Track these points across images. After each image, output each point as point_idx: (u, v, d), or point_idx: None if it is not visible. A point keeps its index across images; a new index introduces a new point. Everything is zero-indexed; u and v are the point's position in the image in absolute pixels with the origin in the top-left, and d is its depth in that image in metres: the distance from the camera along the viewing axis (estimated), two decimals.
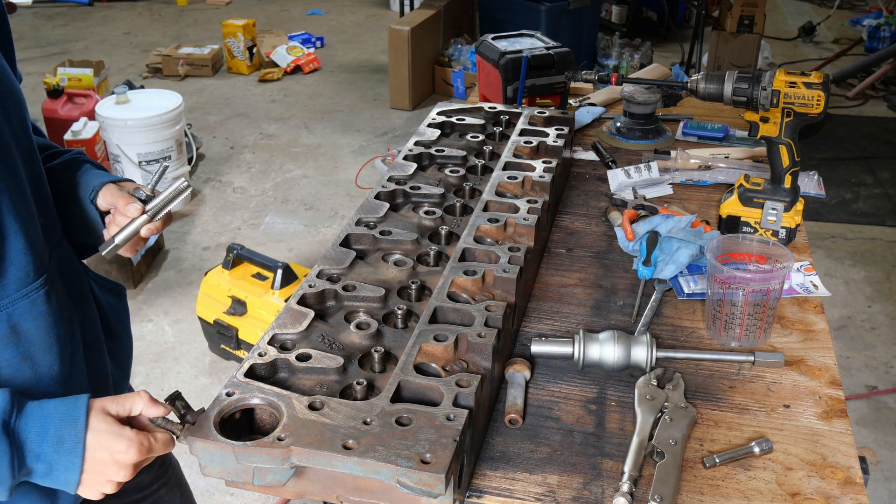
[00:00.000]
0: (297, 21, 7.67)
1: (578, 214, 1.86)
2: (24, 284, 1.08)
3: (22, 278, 1.08)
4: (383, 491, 1.02)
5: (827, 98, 1.56)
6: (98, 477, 0.98)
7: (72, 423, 0.96)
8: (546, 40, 2.38)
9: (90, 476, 0.97)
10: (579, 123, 2.29)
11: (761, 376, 1.35)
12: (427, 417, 1.02)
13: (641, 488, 1.11)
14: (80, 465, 0.95)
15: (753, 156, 2.08)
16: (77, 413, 0.97)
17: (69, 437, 0.96)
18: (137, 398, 1.01)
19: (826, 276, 3.72)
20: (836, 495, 1.12)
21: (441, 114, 1.98)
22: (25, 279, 1.08)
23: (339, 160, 4.90)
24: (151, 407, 1.01)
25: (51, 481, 0.97)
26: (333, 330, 1.23)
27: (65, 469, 0.96)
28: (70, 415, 0.97)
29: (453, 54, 5.76)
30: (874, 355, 3.26)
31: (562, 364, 1.37)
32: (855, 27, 7.24)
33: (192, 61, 6.17)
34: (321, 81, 6.19)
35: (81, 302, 1.24)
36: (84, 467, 0.96)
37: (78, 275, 1.26)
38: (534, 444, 1.20)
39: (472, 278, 1.31)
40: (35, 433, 0.95)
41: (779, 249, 1.45)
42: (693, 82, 1.68)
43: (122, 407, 1.00)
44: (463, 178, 1.70)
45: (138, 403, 1.01)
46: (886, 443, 2.83)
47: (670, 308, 1.53)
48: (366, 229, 1.47)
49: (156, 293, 3.60)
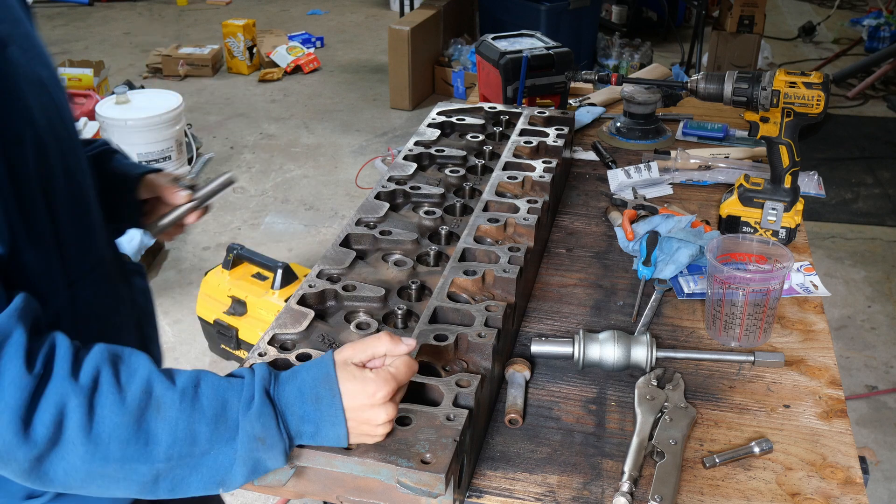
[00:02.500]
0: (297, 21, 7.67)
1: (578, 214, 1.86)
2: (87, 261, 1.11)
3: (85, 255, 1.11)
4: (383, 491, 1.02)
5: (827, 98, 1.56)
6: (363, 426, 0.97)
7: (325, 379, 0.97)
8: (546, 40, 2.38)
9: (355, 425, 0.97)
10: (579, 123, 2.29)
11: (761, 376, 1.35)
12: (427, 417, 1.02)
13: (641, 488, 1.11)
14: (343, 416, 0.95)
15: (753, 156, 2.08)
16: (328, 368, 0.97)
17: (325, 392, 0.96)
18: (379, 342, 1.01)
19: (826, 276, 3.72)
20: (836, 495, 1.12)
21: (441, 114, 1.98)
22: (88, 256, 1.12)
23: (339, 160, 4.90)
24: (395, 346, 1.01)
25: (322, 439, 0.97)
26: (333, 330, 1.23)
27: (331, 424, 0.96)
28: (322, 371, 0.97)
29: (453, 54, 5.75)
30: (874, 355, 3.26)
31: (562, 364, 1.37)
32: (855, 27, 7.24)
33: (192, 61, 6.17)
34: (321, 81, 6.19)
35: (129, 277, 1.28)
36: (347, 416, 0.96)
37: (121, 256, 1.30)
38: (534, 444, 1.20)
39: (472, 278, 1.31)
40: (294, 396, 0.96)
41: (779, 249, 1.45)
42: (693, 82, 1.68)
43: (364, 354, 1.00)
44: (463, 178, 1.70)
45: (380, 346, 1.01)
46: (886, 443, 2.83)
47: (670, 308, 1.53)
48: (366, 229, 1.47)
49: (156, 293, 3.55)
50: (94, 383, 0.89)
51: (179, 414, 0.91)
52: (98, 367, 0.90)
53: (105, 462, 0.89)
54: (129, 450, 0.89)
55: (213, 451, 0.92)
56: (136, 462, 0.90)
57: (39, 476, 0.88)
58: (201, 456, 0.92)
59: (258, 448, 0.93)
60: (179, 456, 0.91)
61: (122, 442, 0.89)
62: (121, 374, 0.91)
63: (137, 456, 0.90)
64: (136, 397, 0.90)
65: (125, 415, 0.89)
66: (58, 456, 0.87)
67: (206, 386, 0.94)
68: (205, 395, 0.93)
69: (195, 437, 0.92)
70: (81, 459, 0.88)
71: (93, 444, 0.88)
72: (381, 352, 1.01)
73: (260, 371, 0.97)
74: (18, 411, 0.84)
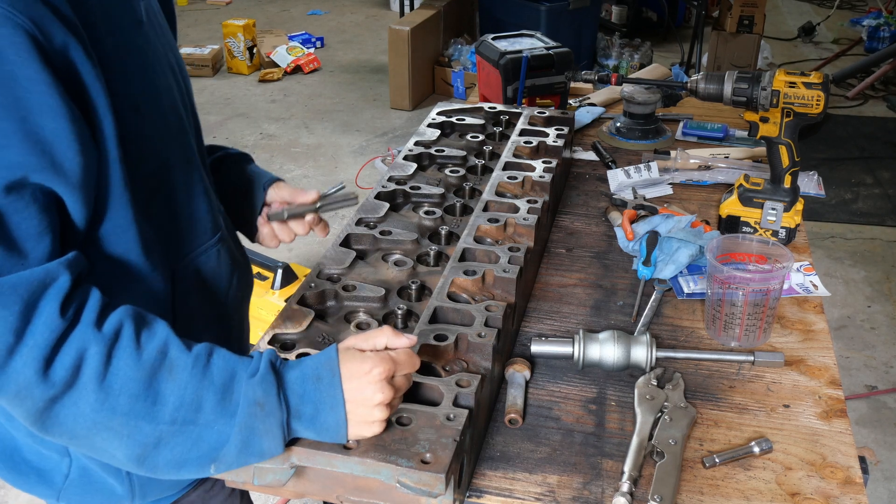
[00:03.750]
0: (297, 21, 7.67)
1: (578, 214, 1.86)
2: (204, 240, 1.20)
3: (202, 234, 1.19)
4: (383, 491, 1.02)
5: (827, 98, 1.56)
6: (360, 408, 0.98)
7: (327, 363, 0.98)
8: (546, 40, 2.38)
9: (353, 407, 0.97)
10: (579, 123, 2.29)
11: (761, 376, 1.35)
12: (427, 417, 1.03)
13: (641, 488, 1.11)
14: (341, 398, 0.96)
15: (753, 156, 2.08)
16: (330, 353, 1.00)
17: (326, 373, 0.97)
18: (380, 334, 1.03)
19: (826, 276, 3.72)
20: (836, 495, 1.12)
21: (441, 114, 1.98)
22: (204, 235, 1.20)
23: (339, 160, 4.90)
24: (396, 339, 1.03)
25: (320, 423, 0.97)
26: (333, 330, 1.23)
27: (330, 406, 0.97)
28: (325, 356, 0.99)
29: (453, 54, 5.75)
30: (874, 355, 3.26)
31: (562, 364, 1.37)
32: (855, 27, 7.24)
33: (192, 61, 6.17)
34: (321, 81, 6.19)
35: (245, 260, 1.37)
36: (346, 398, 0.97)
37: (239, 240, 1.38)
38: (534, 444, 1.20)
39: (472, 278, 1.31)
40: (296, 376, 0.98)
41: (778, 249, 1.45)
42: (693, 82, 1.68)
43: (366, 343, 1.02)
44: (463, 178, 1.70)
45: (381, 338, 1.03)
46: (886, 443, 2.83)
47: (670, 308, 1.53)
48: (366, 229, 1.47)
49: None
50: (116, 335, 0.92)
51: (190, 378, 0.94)
52: (122, 321, 0.93)
53: (112, 413, 0.91)
54: (136, 405, 0.92)
55: (216, 426, 0.94)
56: (141, 419, 0.92)
57: (50, 418, 0.91)
58: (204, 427, 0.94)
59: (256, 414, 0.94)
60: (183, 421, 0.93)
61: (132, 396, 0.91)
62: (142, 332, 0.94)
63: (144, 413, 0.92)
64: (152, 356, 0.93)
65: (139, 370, 0.92)
66: (70, 400, 0.90)
67: (218, 357, 0.97)
68: (216, 364, 0.96)
69: (200, 404, 0.94)
70: (91, 407, 0.90)
71: (104, 392, 0.90)
72: (381, 343, 1.02)
73: (269, 351, 1.00)
74: (45, 350, 0.88)
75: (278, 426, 0.96)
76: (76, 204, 0.94)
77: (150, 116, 1.06)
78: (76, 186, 0.92)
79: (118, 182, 0.99)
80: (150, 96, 1.05)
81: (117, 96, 0.97)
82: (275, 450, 0.97)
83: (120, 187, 0.99)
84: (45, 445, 1.14)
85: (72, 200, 0.93)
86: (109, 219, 1.00)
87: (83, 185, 0.93)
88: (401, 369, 1.01)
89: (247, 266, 1.37)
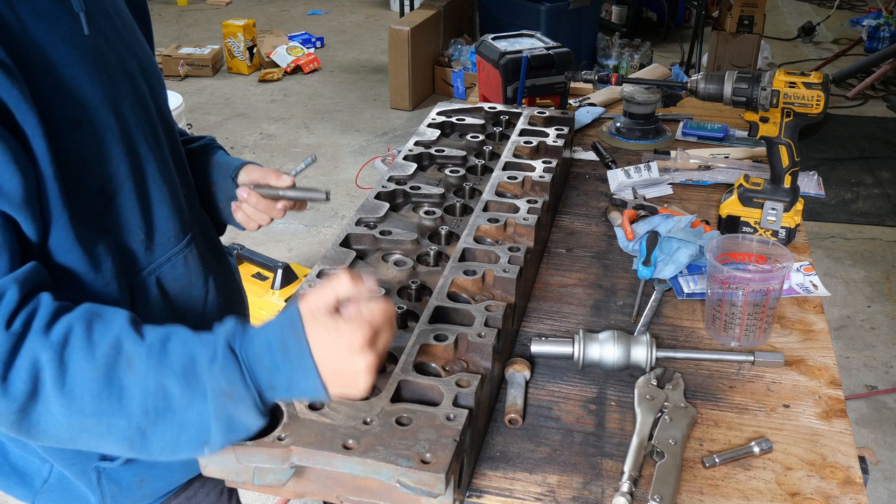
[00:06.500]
0: (297, 21, 7.67)
1: (578, 214, 1.86)
2: (166, 249, 1.17)
3: (164, 243, 1.17)
4: (383, 491, 1.02)
5: (827, 98, 1.56)
6: (343, 376, 0.94)
7: (291, 326, 0.94)
8: (546, 40, 2.38)
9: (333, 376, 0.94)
10: (579, 123, 2.29)
11: (761, 376, 1.35)
12: (427, 417, 1.03)
13: (641, 488, 1.11)
14: (312, 365, 0.93)
15: (753, 156, 2.08)
16: (292, 314, 0.94)
17: (292, 340, 0.93)
18: (337, 282, 0.96)
19: (826, 276, 3.72)
20: (836, 495, 1.12)
21: (441, 114, 1.98)
22: (167, 244, 1.17)
23: (339, 160, 4.91)
24: (356, 286, 0.96)
25: (297, 391, 0.95)
26: None
27: (303, 374, 0.93)
28: (287, 318, 0.95)
29: (453, 54, 5.76)
30: (874, 355, 3.27)
31: (562, 364, 1.37)
32: (855, 27, 7.24)
33: (192, 61, 6.18)
34: (321, 81, 6.19)
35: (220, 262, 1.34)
36: (319, 367, 0.93)
37: (216, 240, 1.36)
38: (534, 444, 1.20)
39: (472, 278, 1.31)
40: (262, 347, 0.94)
41: (778, 249, 1.45)
42: (693, 82, 1.68)
43: (327, 297, 0.95)
44: (463, 178, 1.70)
45: (341, 287, 0.95)
46: (886, 443, 2.83)
47: (670, 308, 1.53)
48: (366, 229, 1.47)
49: None
50: (65, 339, 0.91)
51: (147, 369, 0.92)
52: (70, 325, 0.92)
53: (82, 415, 0.91)
54: (102, 404, 0.91)
55: (194, 409, 0.92)
56: (111, 416, 0.91)
57: (29, 428, 0.91)
58: (184, 412, 0.92)
59: (227, 404, 0.93)
60: (156, 411, 0.92)
61: (95, 396, 0.91)
62: (94, 330, 0.93)
63: (112, 410, 0.91)
64: (106, 352, 0.92)
65: (95, 369, 0.91)
66: (41, 409, 0.90)
67: (175, 341, 0.95)
68: (173, 350, 0.94)
69: (167, 392, 0.92)
70: (61, 413, 0.90)
71: (66, 397, 0.90)
72: (343, 293, 0.96)
73: (225, 325, 0.96)
74: None
75: (253, 406, 0.94)
76: (26, 221, 0.94)
77: (96, 129, 1.03)
78: (20, 205, 0.92)
79: (56, 200, 0.97)
80: (95, 108, 1.02)
81: (53, 113, 0.95)
82: (259, 422, 0.96)
83: (59, 206, 0.98)
84: (28, 450, 1.14)
85: (21, 218, 0.93)
86: (53, 236, 0.99)
87: (26, 203, 0.93)
88: (379, 325, 0.95)
89: (225, 265, 1.34)
